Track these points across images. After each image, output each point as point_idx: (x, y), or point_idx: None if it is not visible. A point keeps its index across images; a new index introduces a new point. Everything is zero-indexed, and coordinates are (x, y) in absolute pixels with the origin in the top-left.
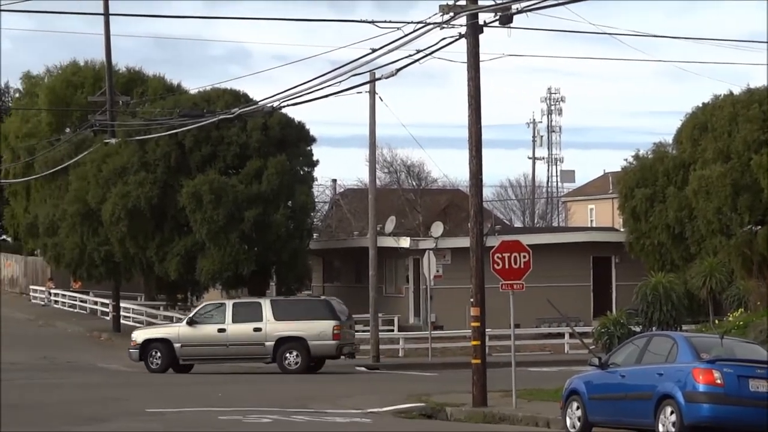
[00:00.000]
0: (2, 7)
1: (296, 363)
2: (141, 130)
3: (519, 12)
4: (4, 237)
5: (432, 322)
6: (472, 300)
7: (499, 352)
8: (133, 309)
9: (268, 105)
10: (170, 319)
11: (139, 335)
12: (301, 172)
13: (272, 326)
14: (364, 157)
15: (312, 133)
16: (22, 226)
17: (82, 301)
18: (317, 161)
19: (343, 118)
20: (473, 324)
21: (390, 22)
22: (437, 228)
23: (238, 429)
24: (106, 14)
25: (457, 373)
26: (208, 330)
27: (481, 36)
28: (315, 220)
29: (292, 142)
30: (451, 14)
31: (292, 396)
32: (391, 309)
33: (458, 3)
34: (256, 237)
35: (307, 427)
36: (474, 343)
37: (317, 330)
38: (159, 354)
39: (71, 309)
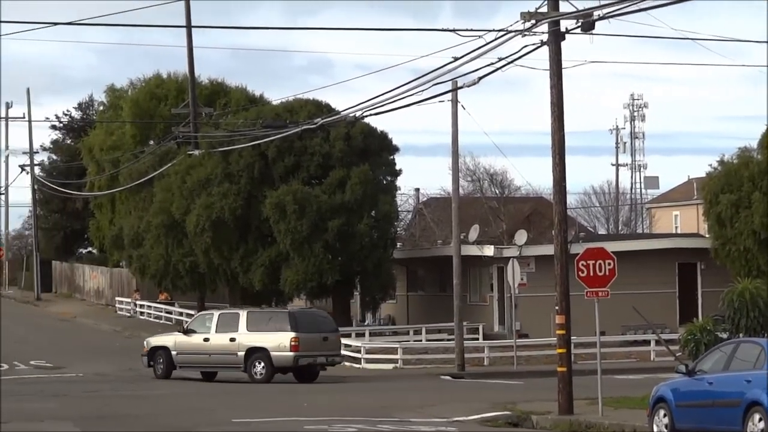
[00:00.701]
0: (88, 21)
1: (262, 373)
2: (224, 142)
3: (601, 18)
4: (89, 249)
5: (517, 330)
6: (557, 308)
7: (585, 359)
8: None
9: (351, 115)
10: None
11: (149, 342)
12: (384, 182)
13: (245, 337)
14: (447, 165)
15: (395, 142)
16: (107, 238)
17: (167, 313)
18: (400, 170)
19: (426, 126)
20: (558, 332)
21: (472, 30)
22: (521, 236)
23: None
24: (189, 26)
25: (543, 381)
26: (197, 339)
27: (563, 43)
28: (398, 229)
29: (374, 152)
30: (533, 22)
31: (377, 405)
32: (475, 317)
33: (540, 10)
34: (340, 247)
35: None
36: (559, 350)
37: (278, 341)
38: (162, 360)
39: (157, 320)
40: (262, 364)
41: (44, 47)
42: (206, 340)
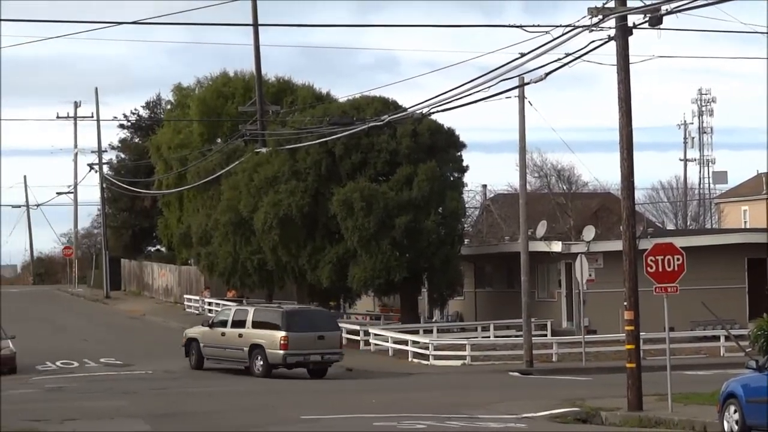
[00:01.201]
0: (156, 20)
1: (260, 368)
2: (291, 139)
3: (669, 13)
4: (158, 247)
5: (585, 326)
6: (625, 303)
7: (654, 355)
8: None
9: (418, 111)
10: None
11: (186, 333)
12: (452, 178)
13: (250, 333)
14: (514, 161)
15: (461, 138)
16: (175, 236)
17: None
18: (467, 167)
19: (493, 123)
20: (627, 328)
21: (538, 26)
22: (589, 232)
23: None
24: (256, 25)
25: (612, 377)
26: (216, 333)
27: (630, 38)
28: (466, 225)
29: (441, 148)
30: (600, 17)
31: (445, 402)
32: (543, 313)
33: (607, 5)
34: (408, 243)
35: None
36: (628, 346)
37: (272, 339)
38: (194, 352)
39: None
40: (261, 360)
41: (113, 47)
42: (223, 334)
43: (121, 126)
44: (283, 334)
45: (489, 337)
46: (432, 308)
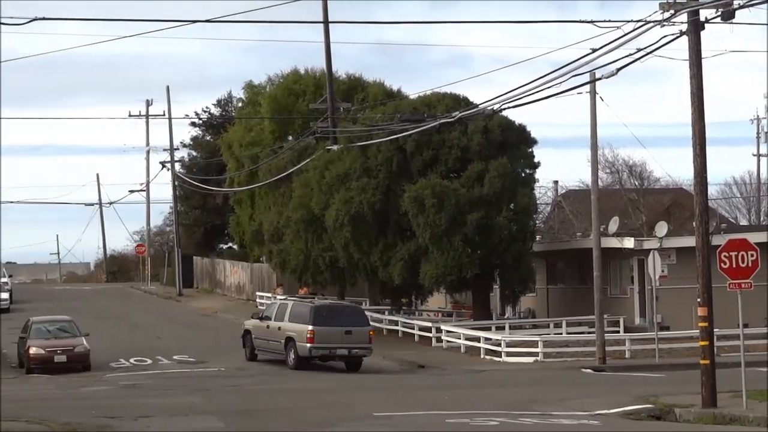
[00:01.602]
0: (228, 18)
1: (292, 361)
2: (362, 136)
3: (741, 7)
4: (230, 244)
5: (658, 322)
6: (699, 300)
7: (728, 352)
8: None
9: (489, 108)
10: (395, 323)
11: (244, 324)
12: (523, 174)
13: (286, 326)
14: (585, 157)
15: (533, 134)
16: (247, 233)
17: None
18: (538, 163)
19: (564, 119)
20: (701, 324)
21: (610, 21)
22: (661, 228)
23: (466, 431)
24: (326, 22)
25: (685, 374)
26: (263, 325)
27: (702, 32)
28: (537, 221)
29: (513, 145)
30: (672, 12)
31: (518, 398)
32: (616, 310)
33: (678, 0)
34: (479, 240)
35: (535, 429)
36: (702, 343)
37: (301, 333)
38: (248, 343)
39: None
40: (293, 353)
41: (185, 45)
42: (267, 327)
43: (193, 124)
44: (309, 328)
45: (561, 333)
46: (504, 305)
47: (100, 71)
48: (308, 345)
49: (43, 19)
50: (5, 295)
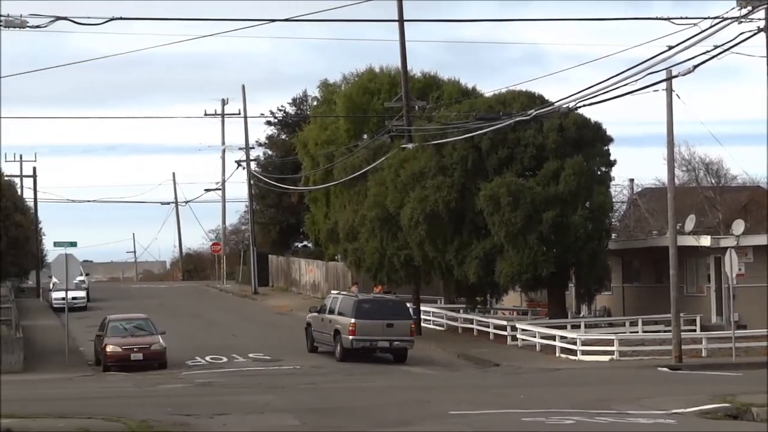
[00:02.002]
0: (304, 17)
1: (339, 352)
2: (437, 135)
3: None
4: (305, 243)
5: (735, 321)
6: None
7: None
8: (433, 312)
9: (564, 106)
10: (470, 322)
11: (307, 317)
12: (599, 173)
13: (335, 319)
14: (661, 155)
15: (608, 132)
16: (322, 231)
17: None
18: (614, 161)
19: (640, 116)
20: None
21: (686, 18)
22: (738, 226)
23: (542, 430)
24: (401, 20)
25: (762, 373)
26: (320, 318)
27: None
28: (613, 220)
29: (588, 143)
30: (750, 8)
31: (593, 397)
32: (692, 308)
33: None
34: (555, 238)
35: (611, 428)
36: None
37: (345, 325)
38: (308, 336)
39: None
40: (339, 345)
41: (260, 44)
42: (322, 320)
43: (268, 123)
44: (352, 321)
45: (637, 332)
46: (579, 303)
47: (176, 70)
48: (350, 337)
49: (120, 19)
50: (82, 294)
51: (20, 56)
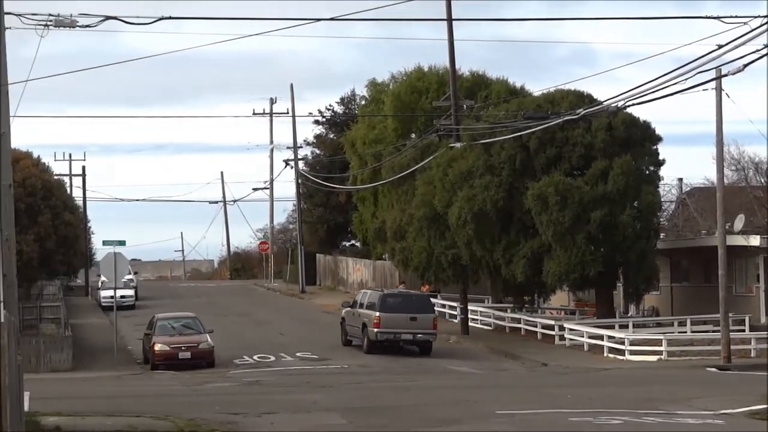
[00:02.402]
0: (352, 16)
1: (366, 345)
2: (485, 134)
3: None
4: (352, 242)
5: None
6: None
7: None
8: (480, 311)
9: (613, 105)
10: (517, 321)
11: (342, 312)
12: (647, 172)
13: (363, 313)
14: (710, 155)
15: (657, 131)
16: (370, 231)
17: None
18: (663, 160)
19: (689, 115)
20: None
21: (736, 17)
22: None
23: (590, 430)
24: (450, 19)
25: None
26: (351, 312)
27: None
28: (661, 219)
29: (637, 142)
30: None
31: (641, 397)
32: (741, 308)
33: None
34: (603, 238)
35: (659, 428)
36: None
37: (371, 318)
38: (343, 329)
39: None
40: (366, 337)
41: (309, 43)
42: (353, 314)
43: (316, 122)
44: (377, 314)
45: (685, 332)
46: (627, 303)
47: (225, 70)
48: (375, 330)
49: (169, 18)
50: (131, 292)
51: (70, 55)
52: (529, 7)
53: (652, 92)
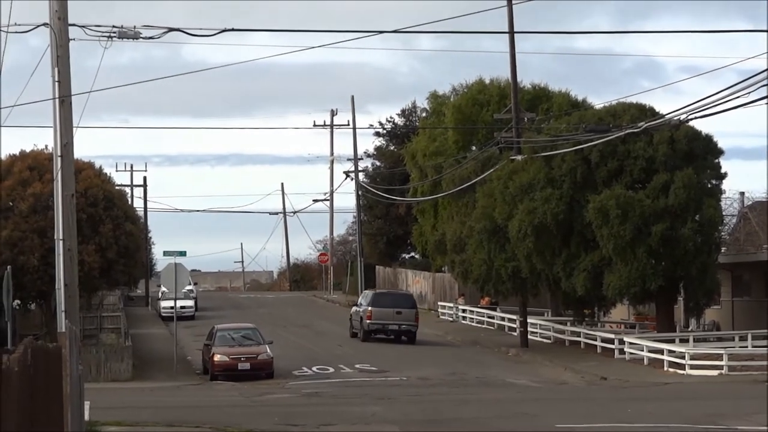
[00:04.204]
0: (414, 29)
1: (362, 334)
2: (546, 146)
3: None
4: (412, 254)
5: None
6: None
7: None
8: (540, 324)
9: (675, 118)
10: (577, 335)
11: (351, 311)
12: (709, 185)
13: (361, 309)
14: None
15: (719, 144)
16: (430, 243)
17: (489, 317)
18: (725, 174)
19: (752, 129)
20: None
21: None
22: None
23: None
24: (512, 32)
25: None
26: (355, 311)
27: None
28: (723, 233)
29: (698, 155)
30: None
31: (701, 412)
32: None
33: None
34: (664, 252)
35: None
36: None
37: (365, 311)
38: (350, 324)
39: (479, 325)
40: (362, 329)
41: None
42: (355, 312)
43: (377, 134)
44: (369, 308)
45: (746, 347)
46: (688, 317)
47: (287, 81)
48: (368, 321)
49: (232, 30)
50: (190, 303)
51: (135, 67)
52: (595, 20)
53: (715, 105)
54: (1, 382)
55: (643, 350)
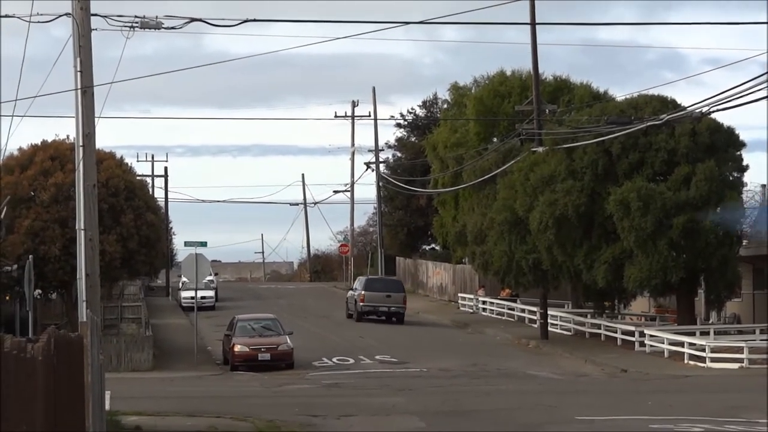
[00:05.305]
0: (437, 20)
1: (356, 315)
2: (568, 138)
3: None
4: (433, 245)
5: None
6: None
7: None
8: (560, 317)
9: (697, 110)
10: (597, 327)
11: (347, 294)
12: (730, 178)
13: (356, 293)
14: None
15: (741, 137)
16: (450, 234)
17: (509, 309)
18: (746, 166)
19: None
20: None
21: None
22: None
23: None
24: (533, 23)
25: None
26: (351, 295)
27: None
28: (744, 226)
29: (720, 148)
30: None
31: (722, 405)
32: None
33: None
34: (685, 244)
35: None
36: None
37: (358, 295)
38: (345, 306)
39: (499, 317)
40: (356, 311)
41: (392, 46)
42: (351, 296)
43: (398, 125)
44: (362, 292)
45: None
46: (709, 310)
47: (309, 72)
48: (361, 303)
49: (254, 20)
50: (211, 293)
51: (158, 58)
52: (618, 11)
53: (737, 98)
54: (31, 370)
55: (663, 343)
